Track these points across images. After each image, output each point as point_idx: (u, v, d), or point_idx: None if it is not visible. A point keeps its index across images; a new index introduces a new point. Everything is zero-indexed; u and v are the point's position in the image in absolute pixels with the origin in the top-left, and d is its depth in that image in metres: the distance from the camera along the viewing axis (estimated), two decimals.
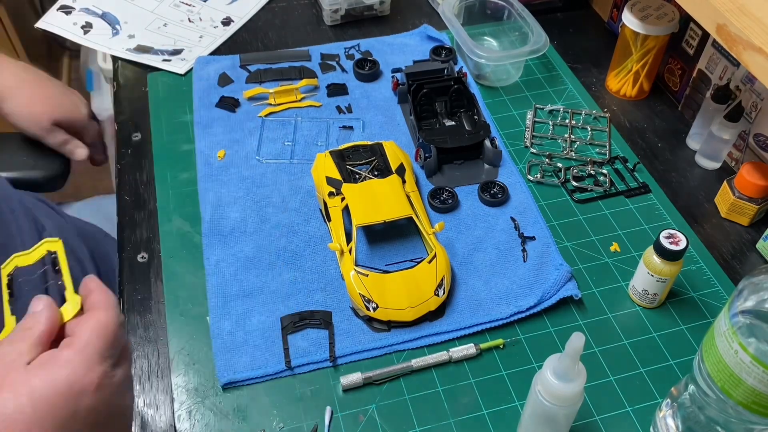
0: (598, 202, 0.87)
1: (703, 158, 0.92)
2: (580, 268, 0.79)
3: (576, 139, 0.94)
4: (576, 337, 0.52)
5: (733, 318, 0.53)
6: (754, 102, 0.86)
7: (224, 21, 1.13)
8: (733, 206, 0.84)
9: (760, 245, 0.82)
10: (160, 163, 0.89)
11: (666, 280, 0.72)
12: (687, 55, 0.97)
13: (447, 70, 0.98)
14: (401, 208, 0.77)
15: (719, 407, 0.56)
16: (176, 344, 0.71)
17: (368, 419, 0.66)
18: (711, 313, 0.75)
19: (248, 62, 1.03)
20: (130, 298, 0.76)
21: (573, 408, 0.57)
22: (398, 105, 0.98)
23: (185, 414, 0.66)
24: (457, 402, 0.68)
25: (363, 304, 0.72)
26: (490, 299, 0.75)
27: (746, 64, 0.63)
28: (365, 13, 1.13)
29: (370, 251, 0.79)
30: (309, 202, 0.85)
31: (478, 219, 0.83)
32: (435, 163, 0.87)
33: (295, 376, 0.69)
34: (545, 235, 0.81)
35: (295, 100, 0.98)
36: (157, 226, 0.82)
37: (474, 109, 0.94)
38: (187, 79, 1.01)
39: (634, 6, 0.94)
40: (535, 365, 0.70)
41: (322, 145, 0.92)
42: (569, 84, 1.03)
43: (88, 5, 1.12)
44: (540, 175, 0.89)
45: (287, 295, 0.75)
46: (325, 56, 1.05)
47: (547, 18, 1.11)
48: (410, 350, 0.71)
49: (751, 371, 0.51)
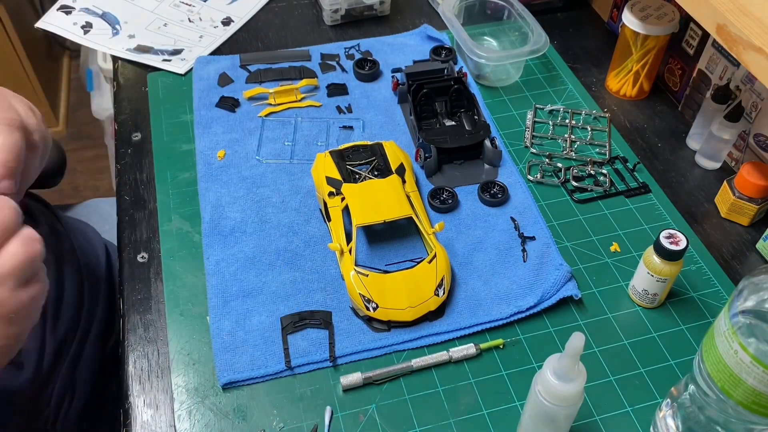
0: (598, 202, 0.87)
1: (703, 158, 0.92)
2: (580, 268, 0.79)
3: (576, 139, 0.95)
4: (576, 337, 0.52)
5: (733, 318, 0.53)
6: (754, 102, 0.86)
7: (224, 21, 1.13)
8: (733, 206, 0.84)
9: (760, 245, 0.82)
10: (160, 163, 0.89)
11: (666, 280, 0.72)
12: (687, 55, 0.97)
13: (447, 70, 0.98)
14: (401, 208, 0.77)
15: (719, 407, 0.56)
16: (176, 344, 0.71)
17: (368, 419, 0.66)
18: (711, 313, 0.75)
19: (248, 62, 1.03)
20: (130, 298, 0.76)
21: (573, 408, 0.57)
22: (398, 105, 0.98)
23: (185, 414, 0.66)
24: (457, 402, 0.68)
25: (363, 304, 0.72)
26: (490, 299, 0.75)
27: (746, 64, 0.63)
28: (365, 13, 1.13)
29: (370, 251, 0.79)
30: (309, 202, 0.85)
31: (478, 219, 0.83)
32: (435, 163, 0.87)
33: (295, 376, 0.69)
34: (545, 235, 0.81)
35: (295, 100, 0.98)
36: (157, 226, 0.82)
37: (474, 109, 0.94)
38: (187, 79, 1.01)
39: (634, 6, 0.94)
40: (535, 365, 0.70)
41: (322, 145, 0.92)
42: (569, 84, 1.03)
43: (88, 5, 1.12)
44: (540, 175, 0.89)
45: (287, 295, 0.75)
46: (325, 56, 1.05)
47: (547, 18, 1.11)
48: (410, 350, 0.71)
49: (751, 371, 0.51)
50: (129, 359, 0.70)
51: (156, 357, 0.71)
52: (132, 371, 0.70)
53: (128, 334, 0.72)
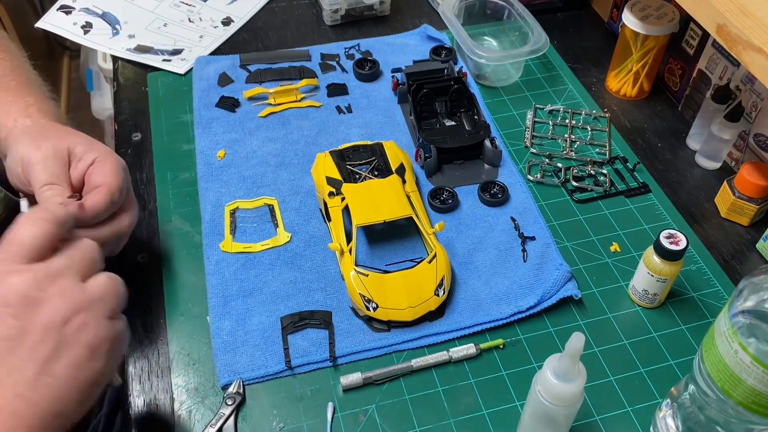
0: (598, 202, 0.87)
1: (703, 158, 0.92)
2: (580, 268, 0.79)
3: (576, 139, 0.94)
4: (576, 337, 0.52)
5: (733, 318, 0.53)
6: (754, 102, 0.86)
7: (224, 21, 1.13)
8: (733, 206, 0.84)
9: (760, 245, 0.82)
10: (160, 163, 0.89)
11: (666, 280, 0.72)
12: (687, 55, 0.97)
13: (447, 70, 0.98)
14: (401, 208, 0.77)
15: (719, 407, 0.56)
16: (176, 344, 0.71)
17: (368, 419, 0.66)
18: (711, 313, 0.75)
19: (248, 62, 1.03)
20: (130, 298, 0.75)
21: (573, 408, 0.57)
22: (398, 105, 0.98)
23: (185, 414, 0.66)
24: (457, 402, 0.68)
25: (363, 304, 0.72)
26: (490, 299, 0.75)
27: (746, 64, 0.63)
28: (365, 13, 1.13)
29: (370, 251, 0.79)
30: (309, 202, 0.85)
31: (478, 219, 0.83)
32: (435, 163, 0.87)
33: (295, 376, 0.69)
34: (545, 235, 0.81)
35: (295, 100, 0.98)
36: (157, 226, 0.82)
37: (474, 109, 0.94)
38: (187, 79, 1.01)
39: (634, 6, 0.94)
40: (535, 365, 0.70)
41: (322, 145, 0.92)
42: (569, 84, 1.03)
43: (88, 5, 1.12)
44: (540, 175, 0.89)
45: (287, 295, 0.75)
46: (325, 56, 1.05)
47: (547, 18, 1.11)
48: (410, 350, 0.71)
49: (751, 371, 0.51)
50: (129, 359, 0.70)
51: (156, 357, 0.71)
52: (132, 371, 0.70)
53: None
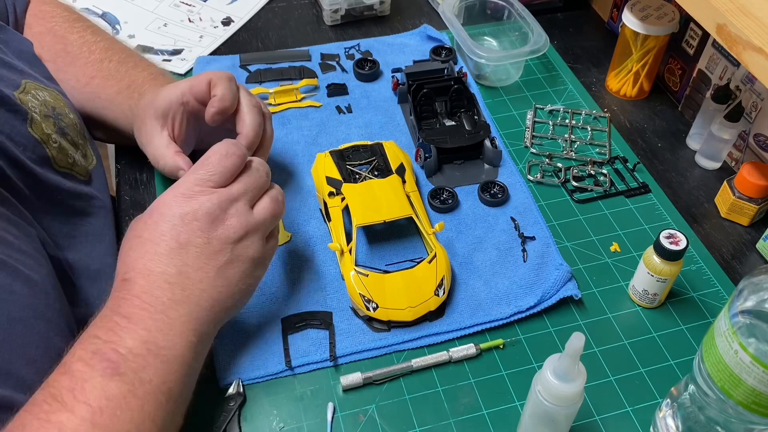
0: (598, 202, 0.87)
1: (703, 158, 0.92)
2: (580, 268, 0.79)
3: (576, 139, 0.95)
4: (576, 337, 0.52)
5: (733, 318, 0.53)
6: (754, 102, 0.86)
7: (224, 21, 1.13)
8: (733, 206, 0.84)
9: (760, 245, 0.82)
10: None
11: (666, 280, 0.72)
12: (687, 55, 0.97)
13: (447, 70, 0.98)
14: (401, 208, 0.77)
15: (719, 407, 0.56)
16: None
17: (368, 419, 0.66)
18: (711, 313, 0.75)
19: (248, 62, 1.03)
20: None
21: (573, 408, 0.57)
22: (398, 105, 0.98)
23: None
24: (457, 402, 0.68)
25: (363, 304, 0.72)
26: (490, 299, 0.75)
27: (746, 64, 0.63)
28: (365, 13, 1.13)
29: (370, 251, 0.79)
30: (309, 202, 0.85)
31: (478, 219, 0.83)
32: (435, 163, 0.87)
33: (295, 376, 0.69)
34: (545, 235, 0.81)
35: (295, 100, 0.98)
36: None
37: (474, 109, 0.94)
38: None
39: (634, 6, 0.94)
40: (535, 365, 0.70)
41: (322, 145, 0.92)
42: (569, 84, 1.03)
43: (88, 5, 1.12)
44: (540, 175, 0.89)
45: (287, 295, 0.75)
46: (325, 56, 1.05)
47: (547, 18, 1.11)
48: (410, 350, 0.71)
49: (751, 371, 0.51)
50: None
51: None
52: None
53: None
